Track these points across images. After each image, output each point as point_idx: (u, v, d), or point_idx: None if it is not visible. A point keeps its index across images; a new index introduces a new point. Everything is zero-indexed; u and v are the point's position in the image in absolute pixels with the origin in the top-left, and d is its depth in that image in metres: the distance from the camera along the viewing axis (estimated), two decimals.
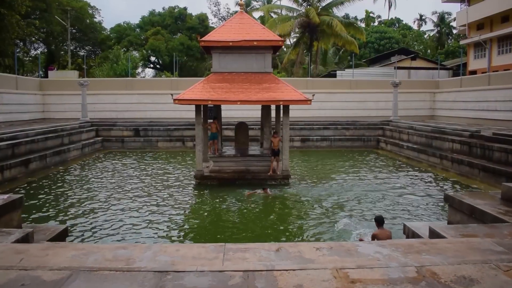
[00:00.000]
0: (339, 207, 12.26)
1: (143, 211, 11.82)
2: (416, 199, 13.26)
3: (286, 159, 14.94)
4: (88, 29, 51.34)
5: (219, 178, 14.97)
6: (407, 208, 12.17)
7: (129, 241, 9.19)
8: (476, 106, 26.96)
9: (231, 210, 11.95)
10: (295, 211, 11.90)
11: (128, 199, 13.11)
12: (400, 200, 13.08)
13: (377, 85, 32.25)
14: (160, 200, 13.00)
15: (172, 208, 12.18)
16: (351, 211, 11.73)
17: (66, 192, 14.25)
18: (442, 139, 19.31)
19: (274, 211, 11.89)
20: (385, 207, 12.28)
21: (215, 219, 11.17)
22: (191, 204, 12.85)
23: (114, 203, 12.65)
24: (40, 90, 30.50)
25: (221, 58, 15.12)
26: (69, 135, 22.01)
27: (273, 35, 15.30)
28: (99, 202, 12.81)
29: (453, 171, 17.26)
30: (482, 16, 37.70)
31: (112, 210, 11.88)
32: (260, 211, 11.87)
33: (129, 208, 12.06)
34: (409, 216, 11.33)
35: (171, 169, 18.80)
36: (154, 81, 35.83)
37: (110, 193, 14.00)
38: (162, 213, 11.58)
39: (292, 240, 9.32)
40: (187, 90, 14.35)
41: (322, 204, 12.43)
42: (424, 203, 12.74)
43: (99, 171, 18.13)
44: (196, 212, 11.94)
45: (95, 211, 11.84)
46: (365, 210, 11.89)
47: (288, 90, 14.35)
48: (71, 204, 12.71)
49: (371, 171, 18.28)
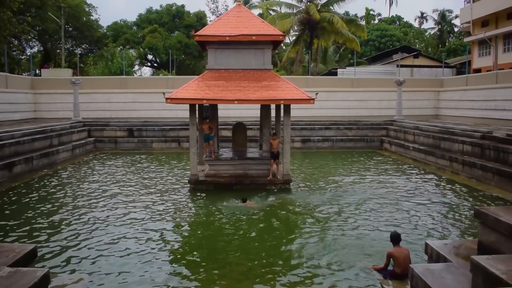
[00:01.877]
0: (345, 219, 10.92)
1: (128, 223, 10.64)
2: (430, 208, 12.14)
3: (287, 163, 13.88)
4: (84, 27, 50.29)
5: (215, 183, 13.90)
6: (421, 220, 10.99)
7: (105, 268, 7.88)
8: (483, 105, 25.97)
9: (226, 225, 10.49)
10: (297, 230, 10.29)
11: (114, 209, 11.88)
12: (412, 209, 11.94)
13: (380, 84, 31.27)
14: (150, 210, 11.79)
15: (162, 219, 10.96)
16: (359, 227, 10.31)
17: (47, 199, 13.08)
18: (451, 140, 18.29)
19: (273, 228, 10.41)
20: (398, 219, 11.04)
21: (208, 238, 9.73)
22: (183, 217, 11.27)
23: (98, 213, 11.51)
24: (31, 89, 29.47)
25: (217, 54, 14.08)
26: (59, 135, 20.95)
27: (273, 29, 14.24)
28: (82, 211, 11.66)
29: (464, 175, 16.25)
30: (487, 12, 36.72)
31: (95, 221, 10.73)
32: (259, 227, 10.44)
33: (113, 219, 10.88)
34: (424, 229, 10.20)
35: (164, 172, 17.76)
36: (149, 80, 34.82)
37: (95, 200, 12.87)
38: (150, 226, 10.38)
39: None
40: (181, 88, 13.32)
41: (327, 218, 11.05)
42: (440, 213, 11.62)
43: (87, 175, 17.08)
44: (189, 225, 10.65)
45: (76, 222, 10.66)
46: (375, 221, 10.79)
47: (289, 89, 13.32)
48: (49, 213, 11.43)
49: (377, 174, 17.27)
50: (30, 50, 51.56)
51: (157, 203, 12.49)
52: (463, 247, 6.12)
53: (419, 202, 12.77)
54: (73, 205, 12.31)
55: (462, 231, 10.13)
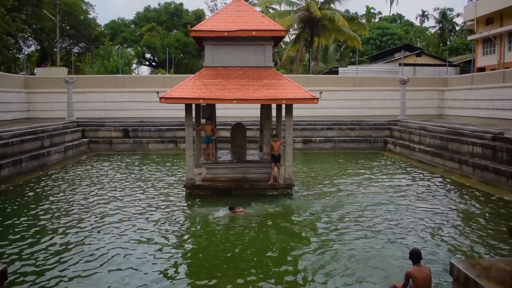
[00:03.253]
0: (355, 233, 9.85)
1: (116, 233, 9.78)
2: (448, 216, 11.16)
3: (290, 166, 13.03)
4: (81, 25, 49.42)
5: (212, 187, 13.08)
6: (439, 231, 9.93)
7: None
8: (489, 105, 25.18)
9: (220, 237, 9.52)
10: (299, 242, 9.31)
11: (100, 218, 10.97)
12: (427, 218, 10.93)
13: (383, 83, 30.46)
14: (141, 218, 10.90)
15: (154, 229, 10.07)
16: (369, 238, 9.43)
17: (28, 206, 12.09)
18: (460, 142, 17.50)
19: (272, 241, 9.35)
20: (411, 229, 10.03)
21: (203, 249, 8.89)
22: (174, 230, 10.14)
23: (83, 222, 10.54)
24: (25, 88, 28.62)
25: (214, 51, 13.26)
26: (51, 136, 20.11)
27: (274, 24, 13.41)
28: (68, 221, 10.70)
29: (474, 178, 15.46)
30: (492, 10, 35.86)
31: (78, 233, 9.76)
32: (258, 239, 9.53)
33: (97, 231, 9.90)
34: (443, 242, 9.19)
35: (160, 175, 16.95)
36: (146, 78, 34.00)
37: (83, 207, 12.01)
38: (140, 236, 9.51)
39: None
40: (176, 87, 12.51)
41: (332, 229, 10.13)
42: (460, 223, 10.60)
43: (78, 178, 16.24)
44: (179, 238, 9.63)
45: (57, 235, 9.70)
46: (386, 232, 9.83)
47: (291, 87, 12.51)
48: (31, 224, 10.43)
49: (382, 177, 16.47)
50: (26, 49, 50.92)
51: (149, 211, 11.60)
52: (495, 268, 5.34)
53: (433, 209, 11.85)
54: (58, 214, 11.40)
55: (489, 247, 8.92)
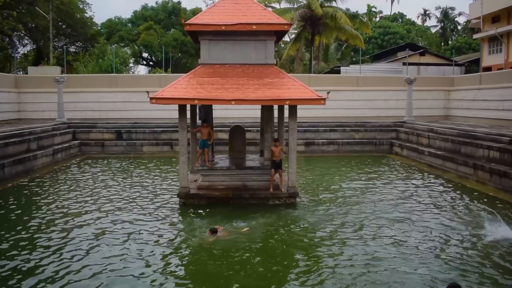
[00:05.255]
0: (370, 253, 8.56)
1: (97, 253, 8.57)
2: (476, 237, 9.41)
3: (293, 173, 11.83)
4: (78, 24, 48.30)
5: (209, 196, 11.94)
6: (464, 258, 8.35)
7: None
8: (500, 105, 24.06)
9: (216, 267, 8.01)
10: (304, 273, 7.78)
11: (85, 231, 9.80)
12: (450, 237, 9.41)
13: (387, 82, 29.32)
14: (125, 234, 9.65)
15: (142, 247, 8.86)
16: (383, 260, 8.16)
17: (8, 216, 11.01)
18: (474, 145, 16.36)
19: (273, 270, 7.90)
20: (436, 252, 8.53)
21: (193, 278, 7.67)
22: (162, 252, 8.68)
23: (58, 241, 9.21)
24: (15, 88, 27.41)
25: (211, 47, 12.12)
26: (38, 139, 18.94)
27: (276, 17, 12.26)
28: (46, 238, 9.46)
29: (492, 185, 14.33)
30: (499, 7, 34.81)
31: (52, 253, 8.57)
32: (258, 259, 8.33)
33: (75, 250, 8.67)
34: (478, 273, 7.70)
35: (154, 180, 15.80)
36: (141, 78, 32.83)
37: (67, 218, 10.87)
38: (124, 257, 8.32)
39: None
40: (168, 86, 11.36)
41: (344, 251, 8.75)
42: (492, 247, 8.86)
43: (63, 185, 15.01)
44: (165, 260, 8.31)
45: (37, 252, 8.62)
46: (407, 254, 8.49)
47: (295, 87, 11.38)
48: (3, 239, 9.32)
49: (392, 183, 15.34)
50: (22, 48, 49.83)
51: (137, 223, 10.41)
52: None
53: (458, 228, 10.05)
54: (37, 227, 10.22)
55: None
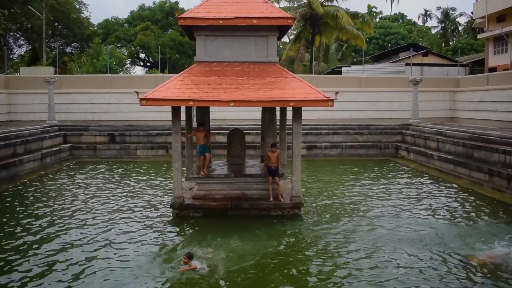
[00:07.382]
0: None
1: (78, 272, 7.62)
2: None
3: (298, 182, 10.75)
4: (74, 24, 47.30)
5: (205, 207, 10.91)
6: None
7: None
8: (509, 107, 23.10)
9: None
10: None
11: (67, 247, 8.82)
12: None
13: (391, 83, 28.34)
14: (110, 251, 8.63)
15: (126, 270, 7.82)
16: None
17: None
18: (489, 149, 15.37)
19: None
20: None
21: None
22: (155, 276, 7.59)
23: (29, 262, 8.15)
24: (5, 89, 26.37)
25: (208, 43, 11.11)
26: (25, 142, 17.89)
27: (279, 11, 11.26)
28: (24, 256, 8.49)
29: (509, 192, 13.33)
30: (505, 6, 33.84)
31: (37, 265, 7.74)
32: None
33: (52, 270, 7.73)
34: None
35: (146, 188, 14.75)
36: (136, 78, 31.79)
37: (49, 230, 9.87)
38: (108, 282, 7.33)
39: None
40: (160, 85, 10.35)
41: (353, 272, 7.74)
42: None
43: (47, 193, 13.90)
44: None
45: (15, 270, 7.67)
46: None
47: (300, 87, 10.37)
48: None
49: (402, 191, 14.30)
50: (18, 49, 48.86)
51: (124, 240, 9.33)
52: None
53: (482, 247, 8.80)
54: (19, 242, 9.24)
55: None
